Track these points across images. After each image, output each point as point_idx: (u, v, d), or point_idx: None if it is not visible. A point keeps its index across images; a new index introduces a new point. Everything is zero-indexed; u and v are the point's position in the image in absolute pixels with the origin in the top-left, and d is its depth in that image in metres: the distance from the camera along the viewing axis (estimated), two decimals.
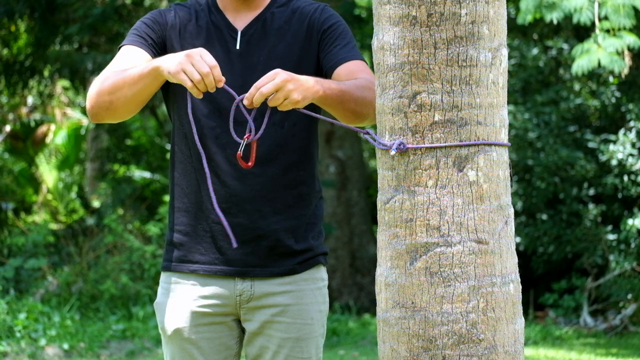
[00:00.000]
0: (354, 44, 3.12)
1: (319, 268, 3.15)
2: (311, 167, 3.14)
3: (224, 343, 3.12)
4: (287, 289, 3.10)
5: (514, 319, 2.61)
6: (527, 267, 10.86)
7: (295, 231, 3.10)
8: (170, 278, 3.14)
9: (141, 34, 3.11)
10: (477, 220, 2.56)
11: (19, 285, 10.74)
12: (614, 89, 10.98)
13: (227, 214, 3.04)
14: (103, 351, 9.21)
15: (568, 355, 8.80)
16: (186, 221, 3.11)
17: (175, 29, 3.12)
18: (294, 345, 3.10)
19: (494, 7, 2.58)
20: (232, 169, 3.05)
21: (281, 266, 3.09)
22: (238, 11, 3.14)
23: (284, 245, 3.08)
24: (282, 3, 3.16)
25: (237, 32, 3.11)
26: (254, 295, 3.08)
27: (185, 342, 3.11)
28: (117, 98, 2.98)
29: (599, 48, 8.13)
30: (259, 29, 3.11)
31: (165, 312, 3.13)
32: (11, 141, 16.50)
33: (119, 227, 11.19)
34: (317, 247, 3.14)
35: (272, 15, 3.13)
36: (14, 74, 13.55)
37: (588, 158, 10.72)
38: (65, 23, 12.55)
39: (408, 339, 2.57)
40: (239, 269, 3.07)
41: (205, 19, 3.13)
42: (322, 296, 3.15)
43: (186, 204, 3.11)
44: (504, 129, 2.62)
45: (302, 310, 3.10)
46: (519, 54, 11.24)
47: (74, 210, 15.87)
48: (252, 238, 3.07)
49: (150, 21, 3.14)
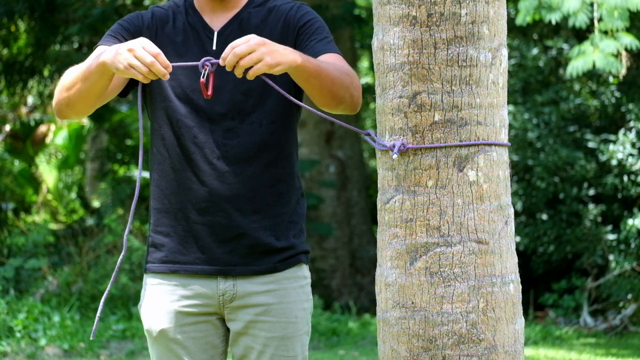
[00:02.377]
0: (330, 38, 3.12)
1: (301, 266, 3.16)
2: (290, 166, 3.14)
3: (210, 342, 3.13)
4: (270, 288, 3.10)
5: (514, 319, 2.61)
6: (527, 267, 10.86)
7: (276, 229, 3.10)
8: (152, 280, 3.16)
9: (115, 34, 3.12)
10: (477, 220, 2.56)
11: (19, 285, 10.74)
12: (613, 89, 10.99)
13: (207, 214, 3.06)
14: (103, 351, 9.21)
15: (568, 355, 8.80)
16: (167, 222, 3.12)
17: (152, 30, 3.13)
18: (279, 344, 3.10)
19: (494, 7, 2.58)
20: (211, 168, 3.06)
21: (262, 264, 3.10)
22: (214, 12, 3.14)
23: (265, 244, 3.09)
24: (258, 3, 3.16)
25: (214, 32, 3.11)
26: (237, 295, 3.09)
27: (171, 342, 3.12)
28: (73, 94, 3.01)
29: (595, 50, 8.14)
30: (235, 29, 3.11)
31: (149, 314, 3.14)
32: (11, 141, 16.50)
33: (119, 227, 11.19)
34: (298, 245, 3.15)
35: (248, 15, 3.13)
36: (14, 74, 13.55)
37: (588, 158, 10.72)
38: (65, 23, 12.55)
39: (408, 339, 2.57)
40: (221, 267, 3.09)
41: (182, 20, 3.14)
42: (305, 294, 3.16)
43: (166, 205, 3.12)
44: (504, 129, 2.62)
45: (286, 309, 3.11)
46: (519, 54, 11.24)
47: (74, 210, 15.86)
48: (233, 237, 3.08)
49: (126, 23, 3.15)
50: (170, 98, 3.09)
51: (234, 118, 3.05)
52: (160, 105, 3.11)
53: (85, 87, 2.98)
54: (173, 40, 3.12)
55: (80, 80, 2.98)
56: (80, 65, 3.02)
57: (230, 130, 3.06)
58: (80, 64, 3.03)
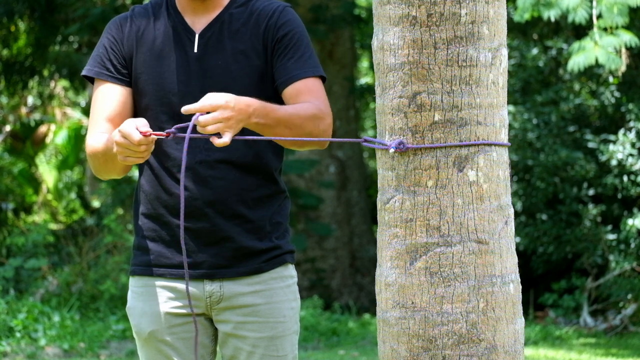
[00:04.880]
0: (309, 54, 3.08)
1: (287, 266, 3.16)
2: (273, 169, 3.14)
3: (199, 342, 3.13)
4: (257, 289, 3.11)
5: (514, 319, 2.61)
6: (527, 267, 10.86)
7: (259, 232, 3.10)
8: (139, 282, 3.16)
9: (104, 62, 3.11)
10: (477, 220, 2.56)
11: (19, 285, 10.74)
12: (613, 89, 10.98)
13: (190, 218, 3.06)
14: (103, 351, 9.21)
15: (568, 355, 8.80)
16: (151, 226, 3.13)
17: (132, 37, 3.11)
18: (268, 344, 3.10)
19: (494, 7, 2.58)
20: (192, 173, 3.06)
21: (247, 265, 3.10)
22: (196, 12, 3.09)
23: (248, 246, 3.09)
24: (241, 3, 3.12)
25: (195, 35, 3.08)
26: (224, 296, 3.09)
27: (160, 343, 3.12)
28: (98, 170, 3.12)
29: (596, 46, 8.14)
30: (216, 31, 3.08)
31: (138, 316, 3.14)
32: (11, 141, 16.50)
33: (119, 227, 11.19)
34: (283, 246, 3.15)
35: (230, 17, 3.09)
36: (14, 74, 13.55)
37: (588, 158, 10.72)
38: (65, 23, 12.55)
39: (408, 339, 2.57)
40: (206, 271, 3.09)
41: (163, 21, 3.11)
42: (292, 293, 3.16)
43: (150, 209, 3.12)
44: (504, 129, 2.63)
45: (274, 309, 3.11)
46: (518, 54, 11.24)
47: (74, 210, 15.86)
48: (216, 240, 3.08)
49: (109, 42, 3.13)
50: (151, 104, 3.08)
51: None
52: (141, 111, 3.10)
53: (105, 166, 3.08)
54: (153, 44, 3.09)
55: (100, 161, 3.07)
56: (93, 141, 3.07)
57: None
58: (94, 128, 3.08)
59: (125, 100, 3.11)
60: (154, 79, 3.06)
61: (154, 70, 3.08)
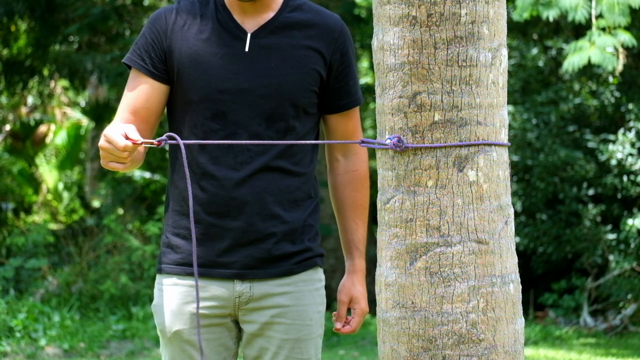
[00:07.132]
0: (354, 73, 3.16)
1: (317, 269, 3.16)
2: (310, 173, 3.15)
3: (223, 344, 3.12)
4: (286, 290, 3.10)
5: (514, 319, 2.61)
6: (527, 267, 10.87)
7: (293, 234, 3.10)
8: (167, 280, 3.12)
9: (142, 54, 3.08)
10: (477, 220, 2.56)
11: (19, 285, 10.74)
12: (613, 89, 10.99)
13: (226, 217, 3.04)
14: (103, 351, 9.22)
15: (568, 355, 8.80)
16: (183, 224, 3.09)
17: (177, 31, 3.07)
18: (293, 347, 3.10)
19: (494, 7, 2.58)
20: (233, 173, 3.04)
21: (279, 267, 3.09)
22: (245, 12, 3.07)
23: (281, 248, 3.08)
24: (294, 6, 3.10)
25: (247, 33, 3.06)
26: (253, 297, 3.08)
27: (185, 343, 3.10)
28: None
29: (592, 46, 8.14)
30: (271, 33, 3.06)
31: (164, 314, 3.12)
32: (11, 141, 16.50)
33: (119, 227, 11.19)
34: (314, 249, 3.15)
35: (286, 20, 3.08)
36: (14, 74, 13.55)
37: (587, 158, 10.73)
38: (65, 23, 12.55)
39: (408, 339, 2.57)
40: (237, 271, 3.07)
41: (211, 17, 3.07)
42: (320, 297, 3.16)
43: (183, 207, 3.09)
44: (504, 129, 2.63)
45: (302, 312, 3.11)
46: (518, 54, 11.25)
47: (74, 210, 15.86)
48: (251, 241, 3.06)
49: (151, 33, 3.09)
50: (195, 99, 3.05)
51: (261, 124, 3.03)
52: (183, 107, 3.07)
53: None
54: (200, 40, 3.06)
55: None
56: None
57: (256, 136, 3.03)
58: (123, 110, 3.08)
59: (154, 95, 3.07)
60: (199, 74, 3.02)
61: (200, 66, 3.04)
